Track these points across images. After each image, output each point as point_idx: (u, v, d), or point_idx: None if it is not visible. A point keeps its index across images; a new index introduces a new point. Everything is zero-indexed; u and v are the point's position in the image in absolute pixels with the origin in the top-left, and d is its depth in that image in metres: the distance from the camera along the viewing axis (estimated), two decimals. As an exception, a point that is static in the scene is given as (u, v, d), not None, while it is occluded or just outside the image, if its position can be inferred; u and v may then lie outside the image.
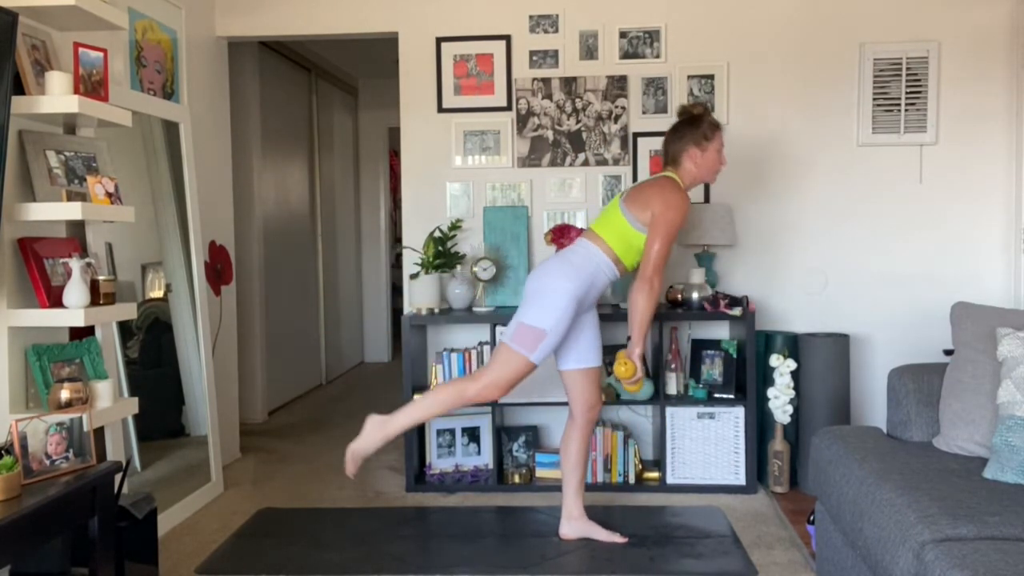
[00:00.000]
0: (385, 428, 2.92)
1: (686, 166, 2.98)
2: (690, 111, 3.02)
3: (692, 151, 2.97)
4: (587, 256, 2.92)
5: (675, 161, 3.00)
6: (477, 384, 2.87)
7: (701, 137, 2.96)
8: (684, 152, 2.98)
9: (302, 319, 6.05)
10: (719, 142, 3.00)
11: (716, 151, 2.99)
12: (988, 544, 1.75)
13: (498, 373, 2.86)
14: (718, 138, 2.99)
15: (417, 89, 4.05)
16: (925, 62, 3.85)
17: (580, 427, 3.09)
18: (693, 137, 2.96)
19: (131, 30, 3.32)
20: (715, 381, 3.71)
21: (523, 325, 2.87)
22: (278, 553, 3.00)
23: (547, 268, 2.92)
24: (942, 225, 3.93)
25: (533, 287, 2.92)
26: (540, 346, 2.85)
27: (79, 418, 2.32)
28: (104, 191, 2.65)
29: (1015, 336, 2.25)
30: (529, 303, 2.90)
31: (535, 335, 2.84)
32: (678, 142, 2.99)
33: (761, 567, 2.83)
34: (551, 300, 2.85)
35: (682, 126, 3.00)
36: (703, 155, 2.97)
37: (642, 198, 2.91)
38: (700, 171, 2.99)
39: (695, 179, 3.01)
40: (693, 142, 2.96)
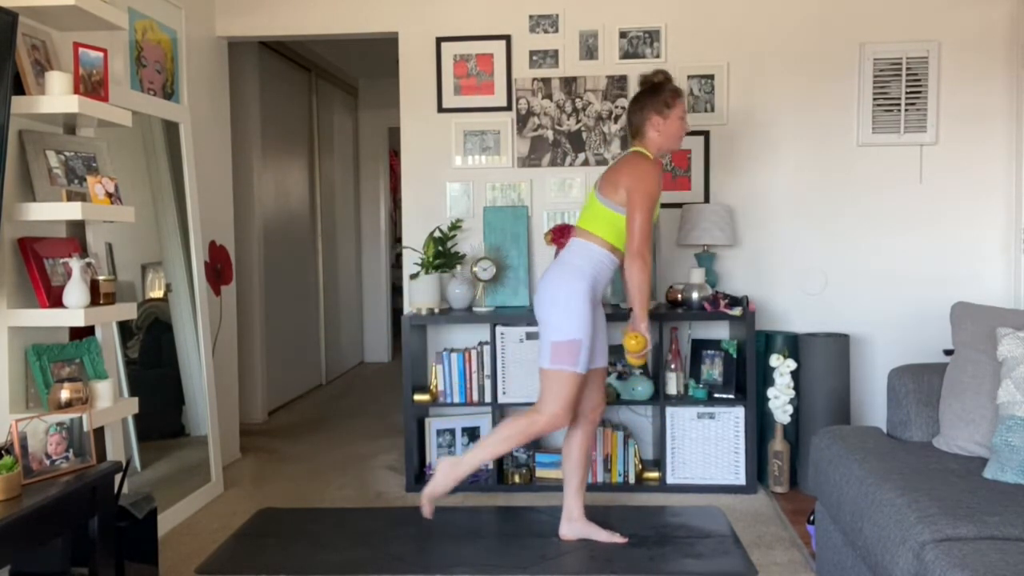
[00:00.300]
0: (456, 470, 2.96)
1: (650, 135, 2.98)
2: (651, 79, 3.01)
3: (655, 119, 2.96)
4: (584, 254, 2.92)
5: (639, 132, 3.00)
6: (542, 419, 2.88)
7: (663, 105, 2.95)
8: (647, 121, 2.97)
9: (302, 319, 6.05)
10: (681, 109, 2.99)
11: (678, 118, 2.98)
12: (988, 544, 1.75)
13: (556, 402, 2.87)
14: (680, 105, 2.98)
15: (417, 89, 4.05)
16: (925, 62, 3.85)
17: (583, 428, 3.09)
18: (655, 105, 2.96)
19: (131, 30, 3.32)
20: (715, 381, 3.71)
21: (556, 344, 2.87)
22: (278, 553, 3.00)
23: (551, 281, 2.92)
24: (942, 225, 3.93)
25: (546, 302, 2.91)
26: (580, 356, 2.86)
27: (79, 418, 2.32)
28: (104, 191, 2.65)
29: (1015, 336, 2.25)
30: (549, 320, 2.89)
31: (571, 347, 2.85)
32: (640, 112, 2.98)
33: (761, 567, 2.83)
34: (569, 308, 2.85)
35: (643, 95, 3.00)
36: (665, 123, 2.96)
37: (613, 179, 2.92)
38: (664, 139, 2.98)
39: (660, 148, 2.99)
40: (655, 110, 2.96)
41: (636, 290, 2.89)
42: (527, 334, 3.64)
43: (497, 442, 2.93)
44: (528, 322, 3.62)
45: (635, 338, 2.89)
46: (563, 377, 2.86)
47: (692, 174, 3.95)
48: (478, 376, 3.70)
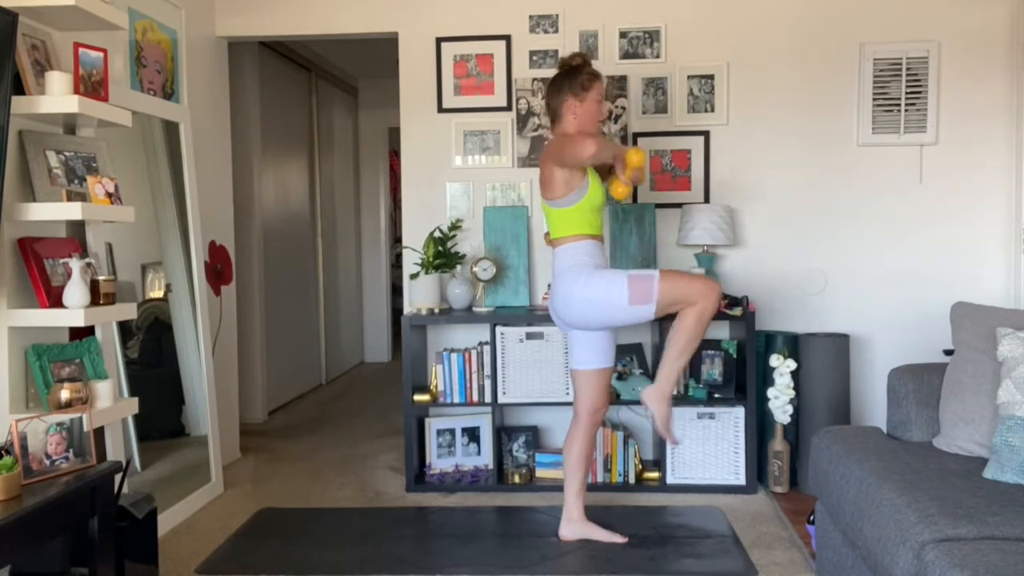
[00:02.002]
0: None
1: (567, 118, 2.97)
2: (568, 62, 3.00)
3: (570, 102, 2.95)
4: (571, 254, 2.94)
5: (557, 115, 3.00)
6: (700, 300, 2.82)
7: (579, 87, 2.94)
8: (563, 104, 2.96)
9: (302, 319, 6.05)
10: (598, 92, 2.97)
11: (595, 101, 2.97)
12: (988, 544, 1.76)
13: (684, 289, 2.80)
14: (596, 88, 2.96)
15: (417, 89, 4.05)
16: (925, 62, 3.85)
17: (584, 428, 3.08)
18: (571, 88, 2.95)
19: (131, 30, 3.32)
20: (715, 381, 3.71)
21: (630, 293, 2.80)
22: (278, 553, 3.00)
23: (566, 287, 2.92)
24: (942, 225, 3.93)
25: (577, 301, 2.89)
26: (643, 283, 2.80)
27: (79, 418, 2.32)
28: (104, 191, 2.65)
29: (1015, 336, 2.25)
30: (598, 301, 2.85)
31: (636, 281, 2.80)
32: (557, 95, 2.97)
33: (761, 567, 2.83)
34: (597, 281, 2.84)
35: (559, 78, 2.99)
36: (582, 105, 2.95)
37: (543, 179, 2.95)
38: (581, 122, 2.96)
39: (575, 130, 2.97)
40: (571, 93, 2.94)
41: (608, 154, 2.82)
42: (527, 334, 3.64)
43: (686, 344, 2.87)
44: (528, 322, 3.62)
45: (634, 152, 2.82)
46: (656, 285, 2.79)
47: (692, 174, 3.95)
48: (478, 376, 3.70)
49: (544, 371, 3.63)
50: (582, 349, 3.02)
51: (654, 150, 3.95)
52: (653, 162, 3.95)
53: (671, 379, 2.92)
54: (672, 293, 2.81)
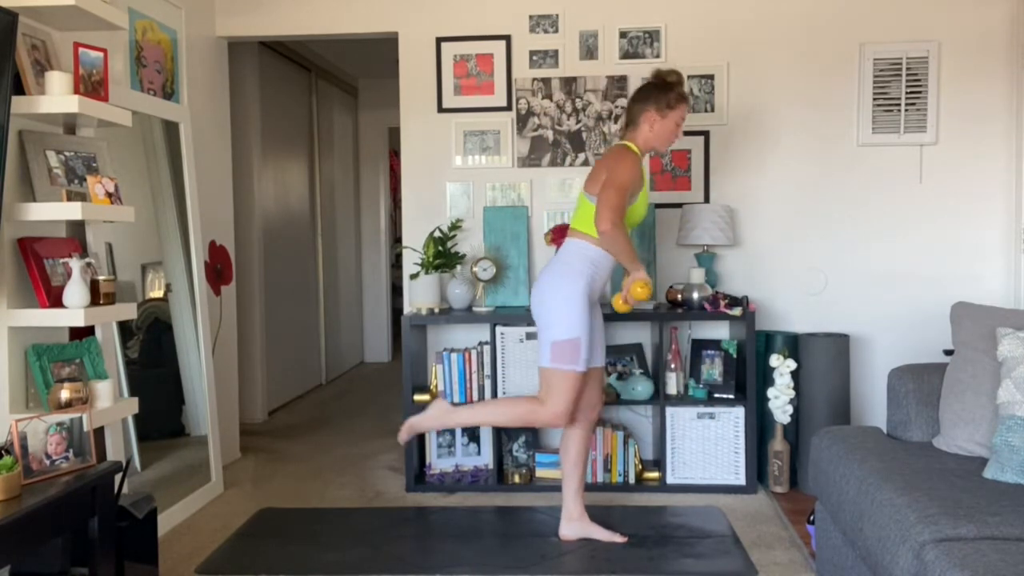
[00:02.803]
0: (447, 417, 3.00)
1: (642, 127, 2.97)
2: (663, 76, 3.00)
3: (652, 114, 2.95)
4: (579, 253, 2.92)
5: (633, 121, 2.99)
6: (545, 413, 2.90)
7: (665, 104, 2.95)
8: (644, 113, 2.96)
9: (302, 319, 6.05)
10: (681, 114, 2.98)
11: (675, 122, 2.98)
12: (988, 544, 1.75)
13: (560, 402, 2.88)
14: (681, 110, 2.98)
15: (417, 89, 4.05)
16: (925, 62, 3.85)
17: (580, 427, 3.09)
18: (657, 101, 2.95)
19: (131, 30, 3.32)
20: (715, 381, 3.71)
21: (556, 343, 2.87)
22: (278, 553, 3.00)
23: (548, 282, 2.92)
24: (942, 225, 3.93)
25: (544, 302, 2.91)
26: (579, 354, 2.86)
27: (79, 418, 2.32)
28: (104, 191, 2.65)
29: (1015, 336, 2.25)
30: (548, 319, 2.89)
31: (572, 346, 2.85)
32: (641, 103, 2.97)
33: (761, 567, 2.83)
34: (567, 307, 2.85)
35: (650, 88, 2.99)
36: (662, 121, 2.95)
37: (593, 174, 2.93)
38: (655, 136, 2.97)
39: (647, 142, 2.98)
40: (655, 106, 2.95)
41: (620, 255, 2.86)
42: (527, 334, 3.64)
43: (494, 415, 2.96)
44: (528, 322, 3.62)
45: (642, 285, 2.84)
46: (564, 376, 2.87)
47: (692, 174, 3.95)
48: (478, 376, 3.70)
49: (544, 371, 3.62)
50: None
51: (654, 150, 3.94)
52: (653, 162, 3.95)
53: (461, 420, 3.02)
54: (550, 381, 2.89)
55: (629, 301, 2.94)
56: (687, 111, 3.02)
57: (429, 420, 3.02)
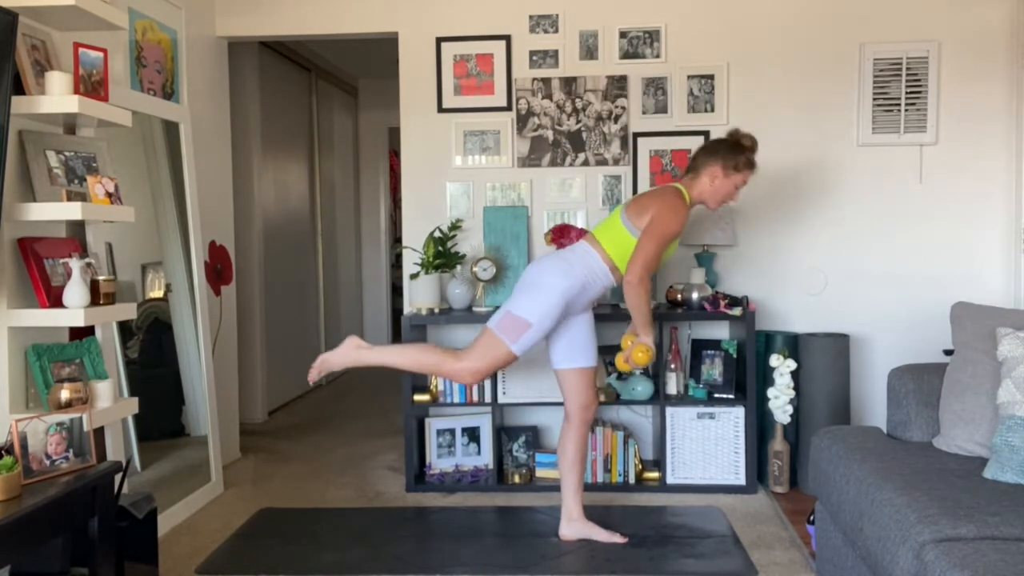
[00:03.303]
0: (359, 355, 2.97)
1: (703, 179, 2.98)
2: (738, 138, 3.01)
3: (716, 169, 2.96)
4: (583, 259, 2.93)
5: (695, 170, 2.99)
6: (457, 364, 2.89)
7: (732, 166, 2.96)
8: (708, 166, 2.97)
9: (302, 319, 6.05)
10: (744, 179, 2.99)
11: (736, 184, 2.99)
12: (988, 544, 1.75)
13: (479, 359, 2.88)
14: (746, 175, 2.99)
15: (417, 89, 4.05)
16: (925, 62, 3.85)
17: (575, 427, 3.09)
18: (725, 159, 2.96)
19: (131, 30, 3.32)
20: (715, 381, 3.71)
21: (510, 314, 2.89)
22: (278, 553, 3.00)
23: (544, 263, 2.95)
24: (942, 225, 3.92)
25: (527, 279, 2.94)
26: (523, 337, 2.87)
27: (79, 418, 2.32)
28: (104, 191, 2.65)
29: (1015, 336, 2.25)
30: (520, 294, 2.93)
31: (520, 326, 2.86)
32: (709, 156, 2.98)
33: (761, 567, 2.83)
34: (541, 294, 2.87)
35: (722, 145, 3.00)
36: (724, 180, 2.96)
37: (643, 204, 2.92)
38: (712, 192, 2.98)
39: (702, 194, 3.00)
40: (723, 162, 2.95)
41: (635, 312, 2.90)
42: (527, 334, 3.63)
43: (404, 358, 2.96)
44: (528, 322, 3.62)
45: (644, 351, 2.88)
46: (498, 346, 2.87)
47: (692, 174, 3.95)
48: (478, 376, 3.69)
49: (544, 371, 3.62)
50: (561, 347, 3.04)
51: (654, 150, 3.95)
52: (653, 162, 3.95)
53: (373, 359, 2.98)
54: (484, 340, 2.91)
55: (630, 362, 2.94)
56: (750, 177, 3.02)
57: (340, 356, 2.99)
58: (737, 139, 3.00)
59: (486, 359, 2.88)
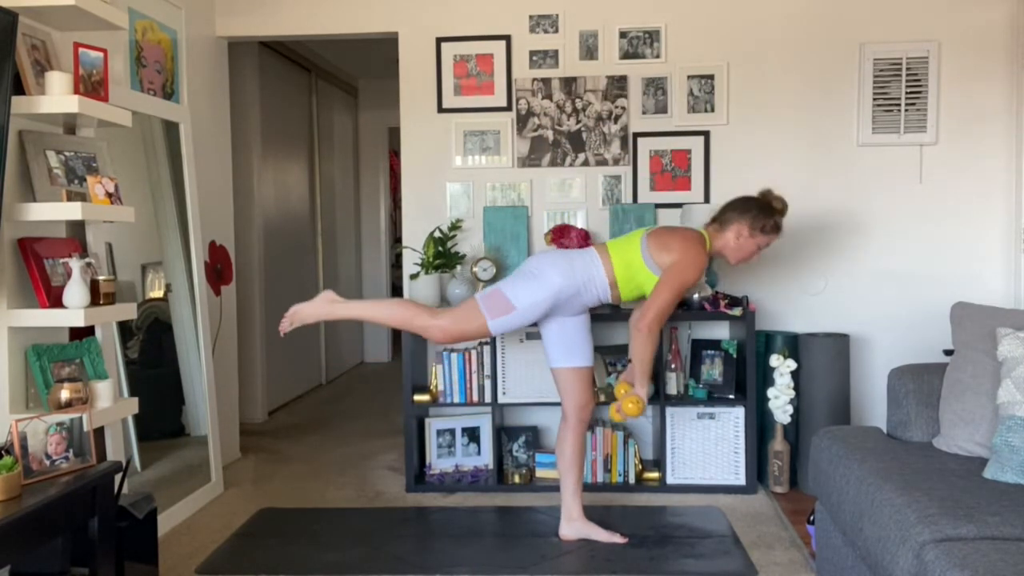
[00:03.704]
0: (331, 308, 2.96)
1: (728, 234, 2.99)
2: (770, 199, 3.02)
3: (743, 228, 2.97)
4: (586, 266, 2.93)
5: (722, 223, 3.00)
6: (431, 320, 2.89)
7: (760, 225, 2.97)
8: (736, 222, 2.98)
9: (302, 319, 6.04)
10: (767, 241, 3.01)
11: (759, 245, 3.00)
12: (988, 544, 1.75)
13: (453, 321, 2.89)
14: (770, 238, 3.00)
15: (417, 89, 4.05)
16: (925, 62, 3.85)
17: (573, 427, 3.09)
18: (754, 218, 2.97)
19: (131, 30, 3.32)
20: (715, 381, 3.71)
21: (500, 292, 2.91)
22: (278, 553, 3.00)
23: (548, 258, 2.96)
24: (942, 225, 3.92)
25: (528, 268, 2.96)
26: (503, 319, 2.88)
27: (79, 418, 2.32)
28: (104, 191, 2.65)
29: (1015, 336, 2.25)
30: (517, 277, 2.94)
31: (504, 306, 2.88)
32: (739, 213, 2.99)
33: (761, 567, 2.83)
34: (536, 285, 2.89)
35: (753, 203, 3.00)
36: (748, 239, 2.98)
37: (666, 240, 2.90)
38: (734, 248, 3.00)
39: (725, 248, 3.01)
40: (750, 221, 2.96)
41: (638, 360, 2.91)
42: (527, 334, 3.63)
43: (380, 312, 2.96)
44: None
45: (635, 403, 2.87)
46: (476, 316, 2.88)
47: (692, 174, 3.95)
48: (478, 376, 3.70)
49: (544, 371, 3.62)
50: (557, 346, 3.05)
51: (654, 150, 3.95)
52: (653, 162, 3.95)
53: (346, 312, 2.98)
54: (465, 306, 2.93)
55: (621, 413, 2.94)
56: (775, 240, 3.04)
57: (312, 308, 2.96)
58: (769, 200, 3.02)
59: (460, 324, 2.89)
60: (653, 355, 2.91)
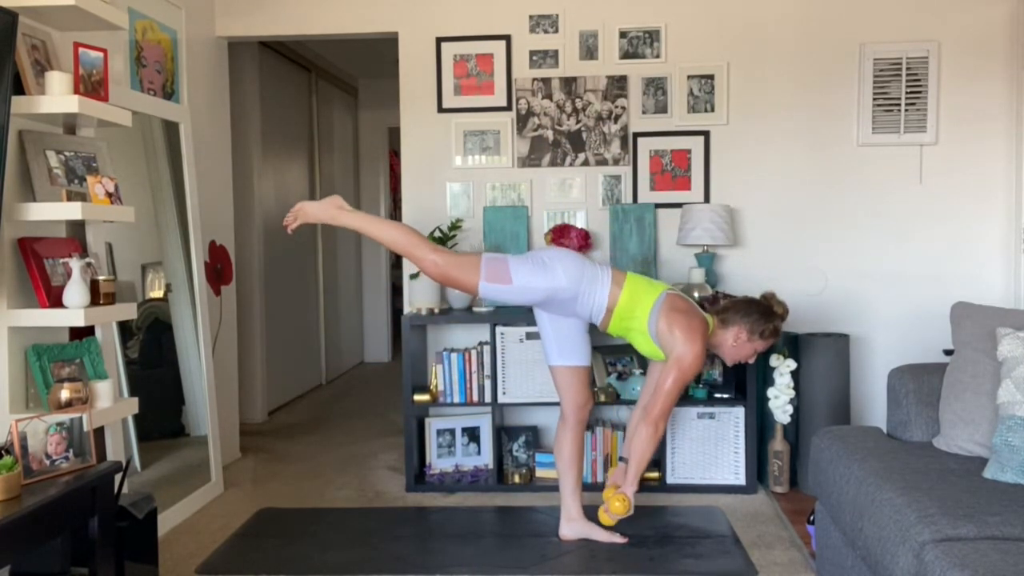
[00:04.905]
0: (337, 214, 2.96)
1: (726, 335, 3.02)
2: (771, 304, 3.05)
3: (742, 331, 3.01)
4: (595, 282, 2.93)
5: (724, 322, 3.03)
6: (430, 253, 2.89)
7: (759, 330, 3.01)
8: (736, 325, 3.01)
9: (302, 319, 6.05)
10: (763, 347, 3.05)
11: (755, 350, 3.05)
12: (988, 544, 1.76)
13: (450, 264, 2.89)
14: (768, 342, 3.04)
15: (417, 89, 4.05)
16: (925, 62, 3.85)
17: (571, 426, 3.10)
18: (754, 324, 3.00)
19: (131, 30, 3.32)
20: (715, 381, 3.71)
21: (505, 262, 2.91)
22: (278, 553, 3.00)
23: (567, 257, 2.95)
24: (942, 225, 3.93)
25: (543, 255, 2.95)
26: (494, 286, 2.88)
27: (79, 418, 2.32)
28: (104, 191, 2.65)
29: (1015, 336, 2.25)
30: (528, 259, 2.94)
31: (502, 276, 2.88)
32: (741, 316, 3.02)
33: (761, 567, 2.83)
34: (540, 274, 2.89)
35: (755, 308, 3.03)
36: (746, 343, 3.02)
37: (676, 319, 2.89)
38: (729, 349, 3.04)
39: (721, 347, 3.05)
40: (750, 326, 3.00)
41: (638, 454, 2.94)
42: (527, 334, 3.63)
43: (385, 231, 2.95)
44: (528, 322, 3.62)
45: (622, 501, 2.91)
46: (473, 269, 2.88)
47: (692, 174, 3.95)
48: (478, 376, 3.70)
49: (544, 371, 3.62)
50: (554, 344, 3.05)
51: (654, 150, 3.95)
52: (653, 162, 3.95)
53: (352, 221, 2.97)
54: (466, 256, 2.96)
55: (609, 513, 2.97)
56: (770, 346, 3.08)
57: (319, 209, 2.96)
58: (771, 305, 3.05)
59: (455, 269, 2.89)
60: (654, 452, 2.96)
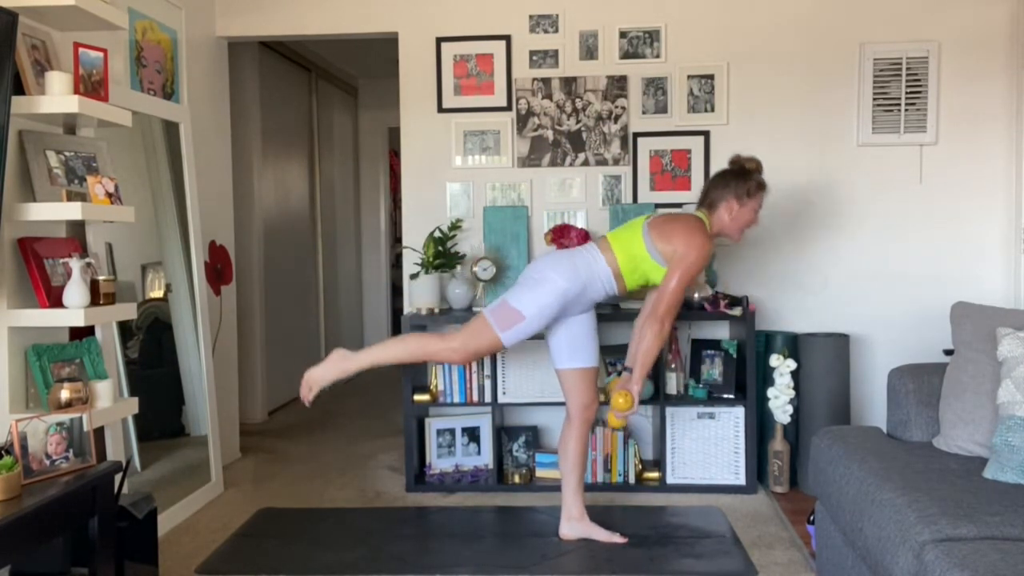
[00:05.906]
0: (346, 363, 2.99)
1: (720, 214, 2.97)
2: (742, 163, 3.01)
3: (731, 202, 2.95)
4: (589, 262, 2.92)
5: (711, 206, 2.99)
6: (443, 344, 2.89)
7: (744, 192, 2.95)
8: (723, 200, 2.96)
9: (302, 319, 6.05)
10: (758, 202, 2.99)
11: (752, 210, 2.99)
12: (988, 544, 1.76)
13: (466, 341, 2.88)
14: (759, 197, 2.99)
15: (417, 89, 4.05)
16: (925, 62, 3.85)
17: (576, 427, 3.09)
18: (736, 189, 2.95)
19: (131, 30, 3.32)
20: (715, 381, 3.71)
21: (507, 303, 2.89)
22: (278, 553, 3.00)
23: (549, 261, 2.94)
24: (942, 225, 3.92)
25: (531, 274, 2.94)
26: (514, 329, 2.87)
27: (79, 418, 2.32)
28: (104, 191, 2.65)
29: (1015, 336, 2.25)
30: (521, 286, 2.93)
31: (514, 317, 2.86)
32: (721, 189, 2.97)
33: (761, 567, 2.83)
34: (541, 290, 2.87)
35: (729, 175, 3.00)
36: (740, 209, 2.96)
37: (667, 230, 2.88)
38: (731, 224, 2.98)
39: (723, 228, 2.99)
40: (735, 194, 2.95)
41: (643, 353, 2.88)
42: (527, 334, 3.63)
43: (394, 351, 2.96)
44: (528, 322, 3.62)
45: (624, 396, 2.86)
46: (488, 331, 2.87)
47: (692, 174, 3.95)
48: (478, 376, 3.70)
49: (544, 371, 3.62)
50: (562, 347, 3.04)
51: (654, 150, 3.95)
52: (653, 162, 3.95)
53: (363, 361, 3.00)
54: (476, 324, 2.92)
55: (612, 410, 2.92)
56: (765, 196, 3.02)
57: (325, 370, 3.00)
58: (741, 164, 3.01)
59: (473, 342, 2.88)
60: (660, 349, 2.89)
